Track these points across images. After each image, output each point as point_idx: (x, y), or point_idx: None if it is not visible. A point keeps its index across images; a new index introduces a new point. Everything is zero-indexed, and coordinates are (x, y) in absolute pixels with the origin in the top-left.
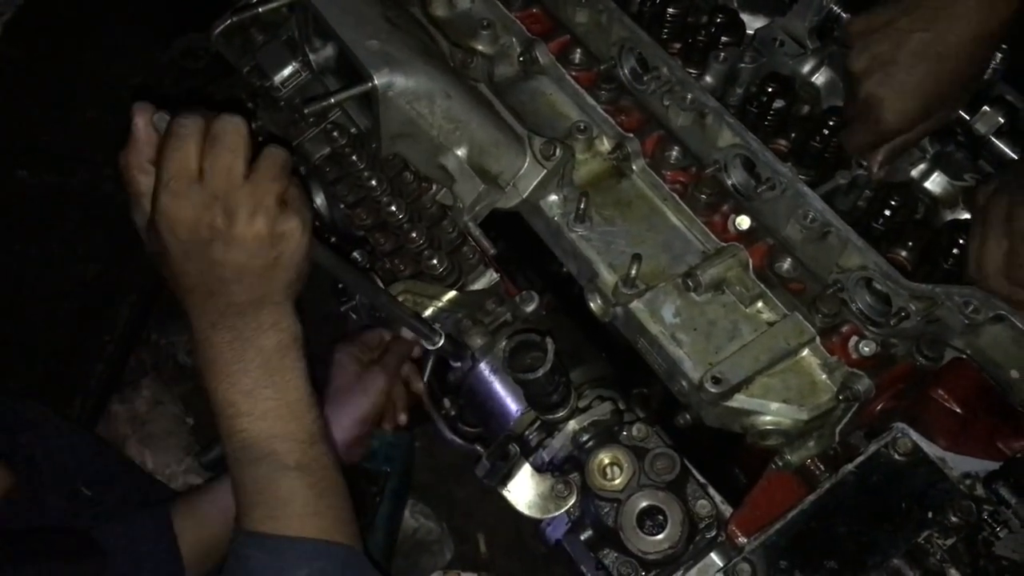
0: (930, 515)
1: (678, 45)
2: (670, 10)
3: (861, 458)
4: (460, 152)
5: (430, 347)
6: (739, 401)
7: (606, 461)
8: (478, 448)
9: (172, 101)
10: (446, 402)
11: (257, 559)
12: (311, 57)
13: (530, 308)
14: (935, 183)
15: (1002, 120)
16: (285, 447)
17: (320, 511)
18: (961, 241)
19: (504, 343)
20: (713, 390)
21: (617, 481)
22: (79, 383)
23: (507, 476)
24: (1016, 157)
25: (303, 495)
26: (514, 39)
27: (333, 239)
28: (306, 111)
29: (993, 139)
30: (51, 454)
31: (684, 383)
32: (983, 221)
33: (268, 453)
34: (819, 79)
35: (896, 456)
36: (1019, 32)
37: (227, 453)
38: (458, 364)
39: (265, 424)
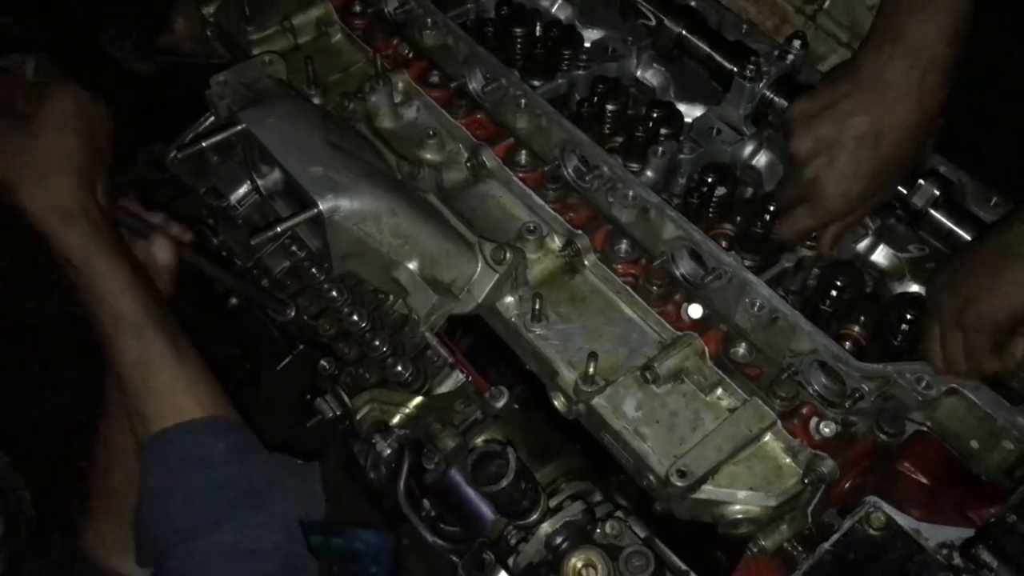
0: None
1: (620, 139)
2: (609, 107)
3: (836, 536)
4: (412, 265)
5: (282, 319)
6: (707, 492)
7: (580, 564)
8: (453, 559)
9: None
10: (426, 503)
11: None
12: (259, 183)
13: (500, 404)
14: (881, 255)
15: (937, 192)
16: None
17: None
18: (909, 316)
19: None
20: (679, 484)
21: None
22: (59, 513)
23: None
24: (953, 227)
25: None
26: (460, 145)
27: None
28: (253, 243)
29: (931, 211)
30: None
31: (651, 477)
32: (934, 319)
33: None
34: (759, 162)
35: (871, 531)
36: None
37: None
38: (432, 467)
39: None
